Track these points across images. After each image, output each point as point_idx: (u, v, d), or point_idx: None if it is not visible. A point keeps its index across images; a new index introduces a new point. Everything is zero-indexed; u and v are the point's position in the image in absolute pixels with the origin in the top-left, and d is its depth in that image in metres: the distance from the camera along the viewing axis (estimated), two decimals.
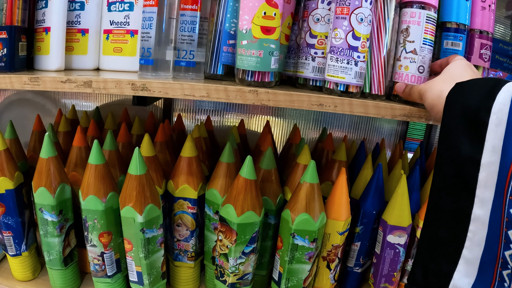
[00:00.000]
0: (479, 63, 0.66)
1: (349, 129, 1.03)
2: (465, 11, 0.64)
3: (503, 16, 0.97)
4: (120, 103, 0.92)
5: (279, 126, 1.01)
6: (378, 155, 0.82)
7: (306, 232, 0.58)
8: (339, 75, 0.55)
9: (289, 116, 1.01)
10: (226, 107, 0.99)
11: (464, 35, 0.64)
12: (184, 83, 0.53)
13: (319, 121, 1.01)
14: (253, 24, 0.53)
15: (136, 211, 0.57)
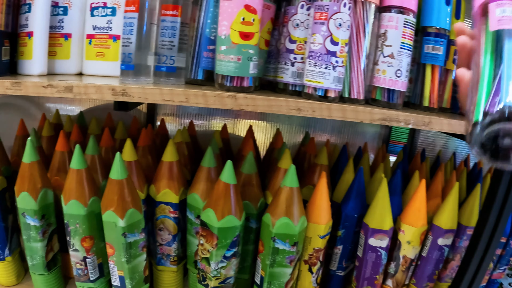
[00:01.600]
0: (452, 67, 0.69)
1: (333, 133, 1.05)
2: (445, 16, 0.66)
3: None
4: (104, 108, 0.95)
5: (263, 130, 1.04)
6: (360, 159, 0.84)
7: (287, 236, 0.61)
8: (318, 80, 0.57)
9: (273, 120, 1.04)
10: (210, 112, 1.02)
11: (445, 40, 0.67)
12: (163, 89, 0.55)
13: (303, 125, 1.03)
14: (231, 30, 0.55)
15: (118, 216, 0.59)
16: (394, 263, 0.69)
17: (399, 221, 0.68)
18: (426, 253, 0.70)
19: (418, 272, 0.71)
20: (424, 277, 0.70)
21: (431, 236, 0.69)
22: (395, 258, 0.69)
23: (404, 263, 0.68)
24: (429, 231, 0.69)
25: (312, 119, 1.05)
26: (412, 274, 0.72)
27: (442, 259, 0.70)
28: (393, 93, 0.62)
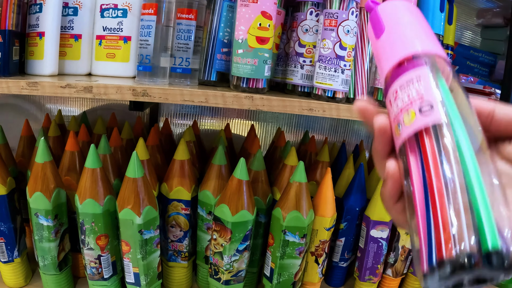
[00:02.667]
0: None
1: (329, 133, 1.13)
2: (439, 22, 0.74)
3: (474, 24, 1.10)
4: (105, 108, 0.98)
5: (260, 130, 1.10)
6: (358, 156, 0.92)
7: (297, 228, 0.67)
8: (327, 82, 0.64)
9: (270, 121, 1.10)
10: (209, 113, 1.07)
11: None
12: (183, 89, 0.60)
13: (299, 125, 1.11)
14: (249, 35, 0.61)
15: (135, 213, 0.63)
16: (393, 253, 0.77)
17: None
18: None
19: None
20: None
21: None
22: (394, 249, 0.76)
23: (403, 253, 0.76)
24: None
25: (310, 120, 1.12)
26: (410, 263, 0.80)
27: None
28: None
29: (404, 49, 0.31)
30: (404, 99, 0.29)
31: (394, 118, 0.30)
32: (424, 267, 0.23)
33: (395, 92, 0.30)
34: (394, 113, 0.30)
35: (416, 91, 0.28)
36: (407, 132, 0.28)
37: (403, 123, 0.28)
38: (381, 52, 0.33)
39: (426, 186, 0.25)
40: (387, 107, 0.32)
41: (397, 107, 0.29)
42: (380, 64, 0.34)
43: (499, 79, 0.96)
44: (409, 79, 0.29)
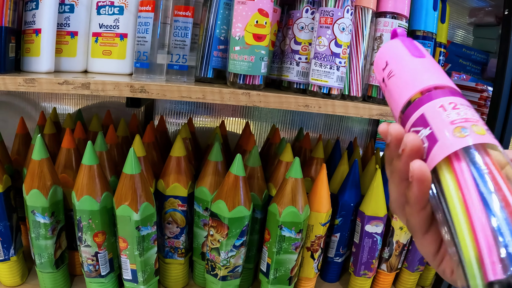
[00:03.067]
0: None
1: (323, 130, 1.15)
2: (432, 20, 0.76)
3: (466, 23, 1.13)
4: (101, 106, 0.99)
5: (255, 128, 1.12)
6: (352, 152, 0.94)
7: (293, 223, 0.68)
8: (323, 78, 0.65)
9: (264, 119, 1.12)
10: (204, 111, 1.09)
11: (432, 42, 0.77)
12: (181, 86, 0.62)
13: (294, 123, 1.13)
14: (246, 32, 0.63)
15: (132, 209, 0.64)
16: (388, 248, 0.79)
17: None
18: None
19: (410, 256, 0.81)
20: (415, 260, 0.81)
21: None
22: (389, 244, 0.78)
23: (397, 248, 0.78)
24: None
25: (304, 117, 1.14)
26: (404, 258, 0.82)
27: None
28: None
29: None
30: (467, 114, 0.29)
31: (452, 122, 0.29)
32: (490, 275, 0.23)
33: (449, 103, 0.30)
34: (448, 120, 0.29)
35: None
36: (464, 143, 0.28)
37: (471, 130, 0.28)
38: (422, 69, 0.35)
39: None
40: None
41: (458, 115, 0.29)
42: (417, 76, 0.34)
43: (491, 77, 0.99)
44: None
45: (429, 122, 0.30)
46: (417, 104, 0.32)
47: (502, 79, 0.74)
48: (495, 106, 0.75)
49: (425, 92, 0.32)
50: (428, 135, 0.30)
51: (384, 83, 0.38)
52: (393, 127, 0.31)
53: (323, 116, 1.14)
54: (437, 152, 0.29)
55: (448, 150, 0.28)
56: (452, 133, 0.28)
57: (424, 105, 0.31)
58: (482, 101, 0.78)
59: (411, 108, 0.32)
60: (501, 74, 0.74)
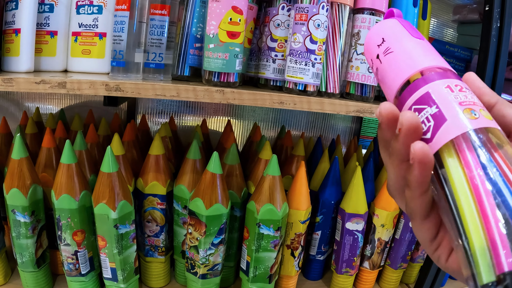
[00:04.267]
0: None
1: (306, 128, 1.16)
2: (412, 16, 0.77)
3: (451, 20, 1.13)
4: (83, 105, 1.00)
5: (238, 126, 1.14)
6: (334, 150, 0.94)
7: (271, 221, 0.69)
8: (298, 75, 0.66)
9: (247, 117, 1.14)
10: (187, 110, 1.10)
11: None
12: (155, 84, 0.63)
13: (277, 121, 1.14)
14: (219, 29, 0.64)
15: (110, 208, 0.65)
16: (370, 246, 0.79)
17: (373, 206, 0.78)
18: (399, 235, 0.80)
19: (392, 253, 0.82)
20: (398, 258, 0.81)
21: (403, 219, 0.79)
22: (370, 241, 0.79)
23: (379, 245, 0.78)
24: (401, 214, 0.80)
25: (286, 115, 1.15)
26: (387, 255, 0.82)
27: (414, 241, 0.81)
28: (366, 88, 0.72)
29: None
30: (474, 98, 0.28)
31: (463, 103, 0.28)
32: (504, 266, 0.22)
33: (455, 85, 0.29)
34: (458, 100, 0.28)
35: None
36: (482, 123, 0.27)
37: (480, 114, 0.27)
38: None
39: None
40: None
41: (466, 98, 0.28)
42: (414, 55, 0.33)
43: None
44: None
45: (436, 100, 0.29)
46: (420, 82, 0.31)
47: (483, 76, 0.74)
48: None
49: (428, 71, 0.31)
50: (434, 114, 0.28)
51: (379, 60, 0.36)
52: (384, 106, 0.30)
53: (306, 114, 1.15)
54: (446, 131, 0.27)
55: (460, 130, 0.27)
56: (463, 114, 0.27)
57: (429, 83, 0.30)
58: None
59: (413, 86, 0.31)
60: (482, 71, 0.75)
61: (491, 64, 0.74)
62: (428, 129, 0.28)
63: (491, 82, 0.75)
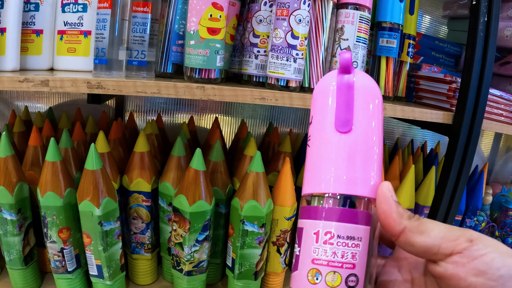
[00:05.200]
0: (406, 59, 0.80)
1: (295, 124, 1.16)
2: (398, 11, 0.77)
3: (441, 16, 1.13)
4: (72, 103, 1.01)
5: (227, 124, 1.14)
6: None
7: (255, 218, 0.69)
8: (279, 71, 0.66)
9: (237, 114, 1.14)
10: (176, 107, 1.11)
11: (398, 34, 0.77)
12: (136, 81, 0.63)
13: (265, 118, 1.14)
14: (200, 26, 0.64)
15: (94, 205, 0.66)
16: None
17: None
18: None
19: (381, 250, 0.81)
20: (385, 254, 0.80)
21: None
22: None
23: None
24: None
25: (275, 112, 1.16)
26: None
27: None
28: None
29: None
30: (337, 252, 0.29)
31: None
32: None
33: (325, 233, 0.29)
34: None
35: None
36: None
37: (324, 279, 0.28)
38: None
39: None
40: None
41: (324, 253, 0.29)
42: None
43: None
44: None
45: (302, 243, 0.30)
46: (304, 211, 0.31)
47: (470, 70, 0.74)
48: (463, 97, 0.75)
49: (318, 198, 0.30)
50: (296, 256, 0.31)
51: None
52: None
53: (295, 110, 1.15)
54: (294, 280, 0.30)
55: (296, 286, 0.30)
56: (306, 275, 0.29)
57: (305, 220, 0.30)
58: (451, 92, 0.77)
59: (301, 209, 0.32)
60: (469, 66, 0.74)
61: (478, 59, 0.74)
62: (293, 262, 0.31)
63: (479, 78, 0.74)
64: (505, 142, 1.60)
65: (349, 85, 0.31)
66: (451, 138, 0.77)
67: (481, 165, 1.15)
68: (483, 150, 1.56)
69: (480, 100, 0.74)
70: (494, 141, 1.55)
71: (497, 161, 1.58)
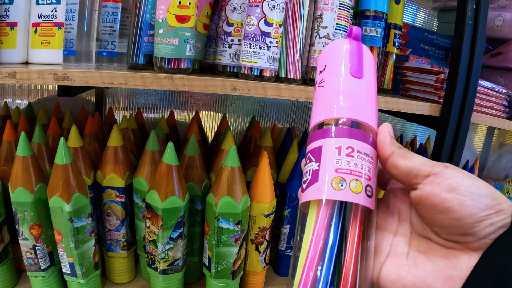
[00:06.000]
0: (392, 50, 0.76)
1: (279, 119, 1.12)
2: (383, 1, 0.73)
3: (430, 8, 1.08)
4: (53, 99, 0.99)
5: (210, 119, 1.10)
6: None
7: (230, 214, 0.66)
8: (252, 60, 0.63)
9: (221, 109, 1.10)
10: (159, 102, 1.07)
11: (382, 22, 0.73)
12: (103, 72, 0.60)
13: (248, 112, 1.10)
14: (168, 13, 0.61)
15: (64, 201, 0.63)
16: None
17: None
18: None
19: None
20: None
21: None
22: None
23: None
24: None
25: (258, 106, 1.11)
26: None
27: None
28: None
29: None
30: (357, 164, 0.31)
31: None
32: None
33: (347, 147, 0.32)
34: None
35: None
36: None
37: (348, 185, 0.30)
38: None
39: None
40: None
41: (346, 164, 0.31)
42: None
43: None
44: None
45: (322, 158, 0.31)
46: (320, 133, 0.33)
47: (458, 60, 0.69)
48: (451, 88, 0.70)
49: (335, 123, 0.33)
50: (314, 171, 0.31)
51: (315, 88, 0.38)
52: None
53: (278, 104, 1.11)
54: (311, 191, 0.31)
55: (319, 196, 0.30)
56: (331, 182, 0.30)
57: (325, 138, 0.32)
58: (439, 83, 0.73)
59: (317, 133, 0.33)
60: (457, 56, 0.69)
61: (466, 48, 0.69)
62: (305, 181, 0.32)
63: (467, 68, 0.70)
64: (498, 137, 1.53)
65: (359, 46, 0.37)
66: (439, 131, 0.72)
67: (472, 161, 1.10)
68: (475, 145, 1.50)
69: (469, 92, 0.70)
70: (486, 136, 1.50)
71: (490, 156, 1.52)
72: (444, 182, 0.29)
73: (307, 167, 0.33)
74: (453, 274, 0.29)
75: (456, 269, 0.29)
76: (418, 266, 0.31)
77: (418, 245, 0.32)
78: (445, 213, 0.29)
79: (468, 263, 0.29)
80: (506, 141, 1.55)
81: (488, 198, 0.28)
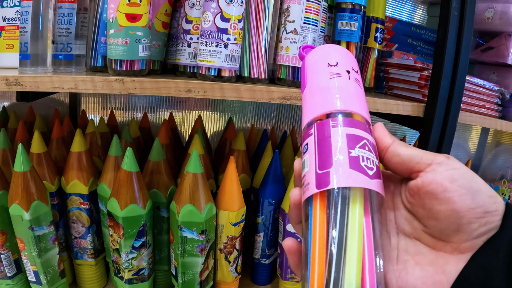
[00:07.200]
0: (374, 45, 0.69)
1: (277, 121, 1.05)
2: None
3: (420, 1, 1.00)
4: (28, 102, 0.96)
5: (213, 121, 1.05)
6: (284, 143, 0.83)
7: (193, 224, 0.61)
8: (209, 59, 0.58)
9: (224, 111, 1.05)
10: (131, 104, 1.03)
11: (360, 15, 0.66)
12: (53, 76, 0.57)
13: (224, 113, 1.04)
14: (118, 12, 0.56)
15: (23, 208, 0.60)
16: None
17: None
18: None
19: None
20: None
21: None
22: None
23: None
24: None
25: (258, 108, 1.05)
26: None
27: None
28: (298, 71, 0.62)
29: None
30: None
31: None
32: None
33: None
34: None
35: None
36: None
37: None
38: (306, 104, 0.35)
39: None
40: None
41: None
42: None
43: None
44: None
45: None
46: (309, 129, 0.33)
47: (443, 54, 0.62)
48: (435, 86, 0.63)
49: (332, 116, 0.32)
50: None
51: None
52: (292, 193, 0.32)
53: (254, 104, 1.04)
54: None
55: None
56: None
57: (309, 137, 0.32)
58: (423, 81, 0.65)
59: (308, 130, 0.33)
60: (441, 50, 0.62)
61: (452, 42, 0.62)
62: (316, 173, 0.30)
63: (453, 64, 0.62)
64: (493, 136, 1.43)
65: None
66: (422, 132, 0.65)
67: (465, 161, 1.01)
68: (470, 145, 1.39)
69: (455, 89, 0.62)
70: (481, 135, 1.39)
71: (485, 156, 1.42)
72: (447, 172, 0.28)
73: (310, 160, 0.31)
74: (441, 279, 0.29)
75: (444, 274, 0.29)
76: (408, 271, 0.30)
77: (407, 247, 0.31)
78: (445, 204, 0.28)
79: (457, 266, 0.28)
80: (503, 140, 1.44)
81: (486, 195, 0.28)
